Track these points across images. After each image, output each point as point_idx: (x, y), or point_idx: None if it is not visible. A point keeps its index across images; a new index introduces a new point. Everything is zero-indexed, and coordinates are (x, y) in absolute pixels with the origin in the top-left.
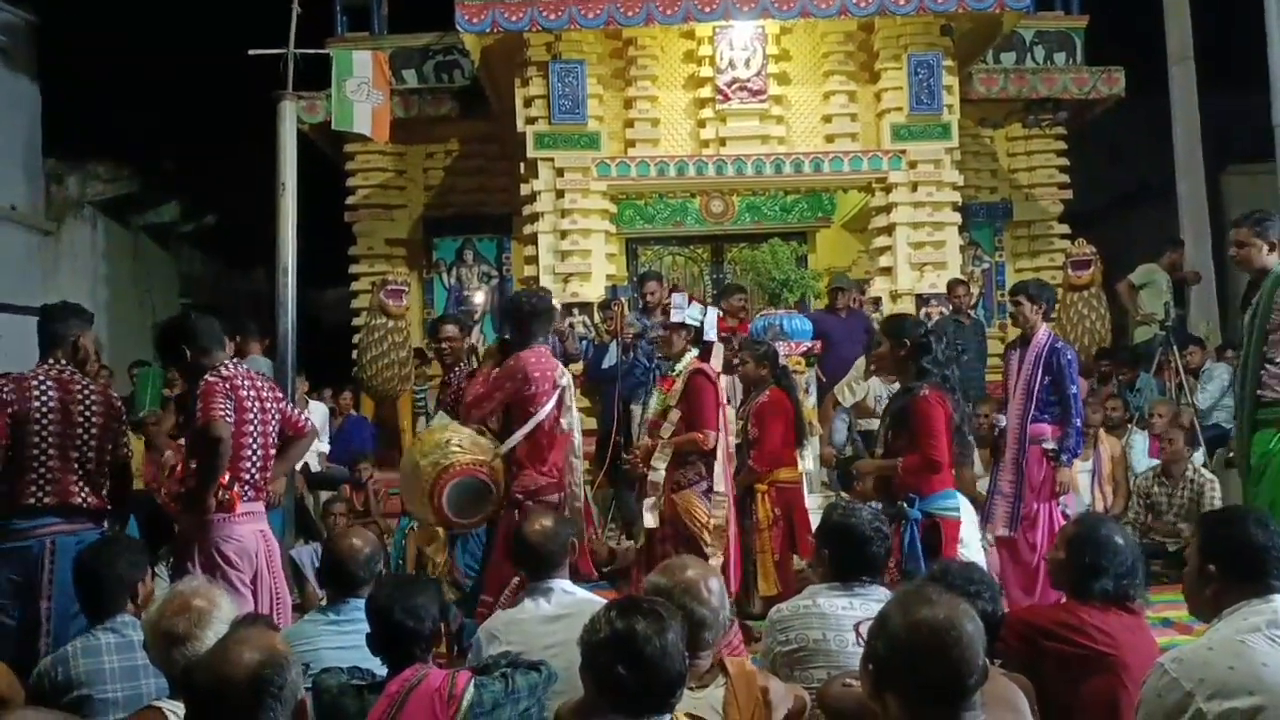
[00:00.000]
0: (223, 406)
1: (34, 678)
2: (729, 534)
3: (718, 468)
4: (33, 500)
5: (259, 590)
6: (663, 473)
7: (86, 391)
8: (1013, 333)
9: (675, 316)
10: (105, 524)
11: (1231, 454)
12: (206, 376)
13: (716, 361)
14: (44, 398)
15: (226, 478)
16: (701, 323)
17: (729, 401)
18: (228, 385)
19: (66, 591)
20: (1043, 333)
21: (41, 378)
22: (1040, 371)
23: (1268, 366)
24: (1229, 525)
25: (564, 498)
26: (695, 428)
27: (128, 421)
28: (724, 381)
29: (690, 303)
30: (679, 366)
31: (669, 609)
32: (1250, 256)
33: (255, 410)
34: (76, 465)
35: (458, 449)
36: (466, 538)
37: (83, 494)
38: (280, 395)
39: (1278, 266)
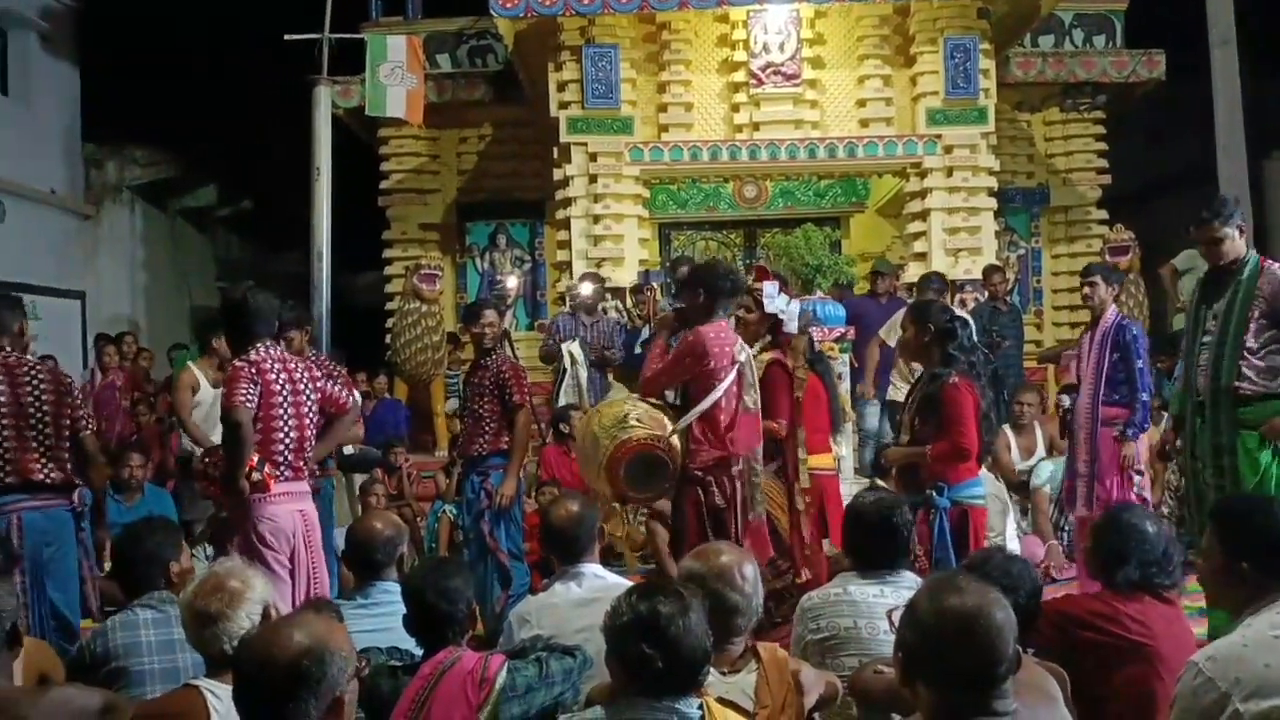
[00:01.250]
0: (244, 392)
1: (75, 650)
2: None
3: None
4: None
5: (296, 570)
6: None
7: (33, 372)
8: (1049, 318)
9: (768, 306)
10: (74, 497)
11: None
12: (234, 361)
13: (791, 352)
14: None
15: (256, 459)
16: (784, 314)
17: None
18: (253, 370)
19: (36, 564)
20: (1111, 312)
21: None
22: (1109, 350)
23: (1247, 358)
24: (1249, 517)
25: (741, 473)
26: (771, 416)
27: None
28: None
29: (779, 293)
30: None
31: (691, 590)
32: (1227, 250)
33: (286, 393)
34: (34, 444)
35: (636, 423)
36: (508, 520)
37: (45, 470)
38: (320, 374)
39: (1252, 254)
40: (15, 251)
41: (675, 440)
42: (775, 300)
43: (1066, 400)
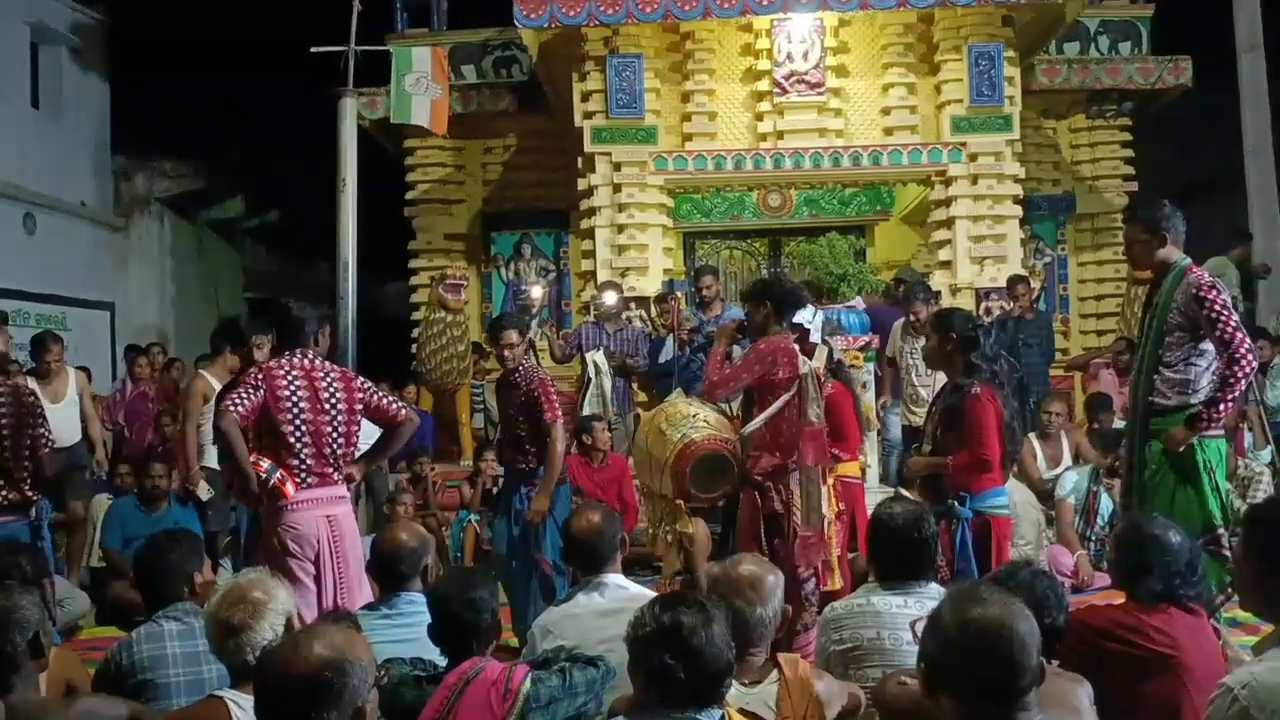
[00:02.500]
0: (236, 398)
1: (102, 663)
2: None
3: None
4: None
5: (322, 576)
6: None
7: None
8: (1075, 325)
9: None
10: (32, 513)
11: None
12: (249, 369)
13: (818, 362)
14: None
15: (266, 465)
16: (809, 325)
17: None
18: (260, 376)
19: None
20: None
21: None
22: None
23: (1162, 371)
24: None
25: (801, 484)
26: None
27: None
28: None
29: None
30: None
31: (714, 601)
32: (1141, 254)
33: (299, 399)
34: None
35: (704, 424)
36: (553, 533)
37: (3, 493)
38: (363, 387)
39: (1180, 261)
40: (46, 263)
41: (738, 444)
42: (800, 311)
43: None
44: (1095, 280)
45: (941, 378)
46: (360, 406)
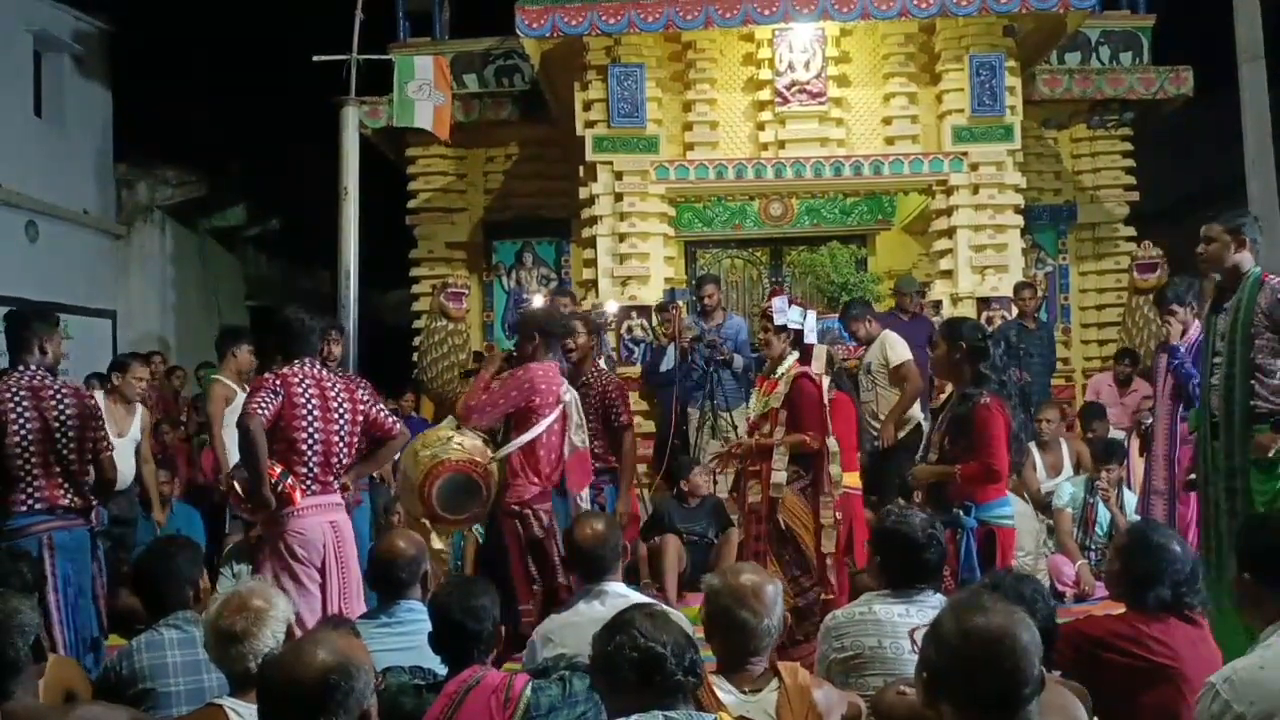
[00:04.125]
0: (260, 401)
1: (102, 671)
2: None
3: (833, 470)
4: (23, 508)
5: (327, 582)
6: (784, 474)
7: (59, 396)
8: (1077, 335)
9: (778, 320)
10: (92, 517)
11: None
12: (265, 373)
13: (818, 364)
14: (19, 409)
15: (279, 470)
16: (802, 326)
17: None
18: (277, 381)
19: (70, 582)
20: (1195, 329)
21: (14, 388)
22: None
23: (1259, 376)
24: (1267, 536)
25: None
26: (802, 430)
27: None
28: (825, 381)
29: (791, 306)
30: (780, 370)
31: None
32: (1217, 254)
33: (312, 407)
34: (58, 471)
35: (457, 447)
36: None
37: (68, 496)
38: (365, 399)
39: (1254, 269)
40: (48, 271)
41: (494, 469)
42: (786, 314)
43: (1149, 418)
44: (1096, 290)
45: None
46: (361, 418)
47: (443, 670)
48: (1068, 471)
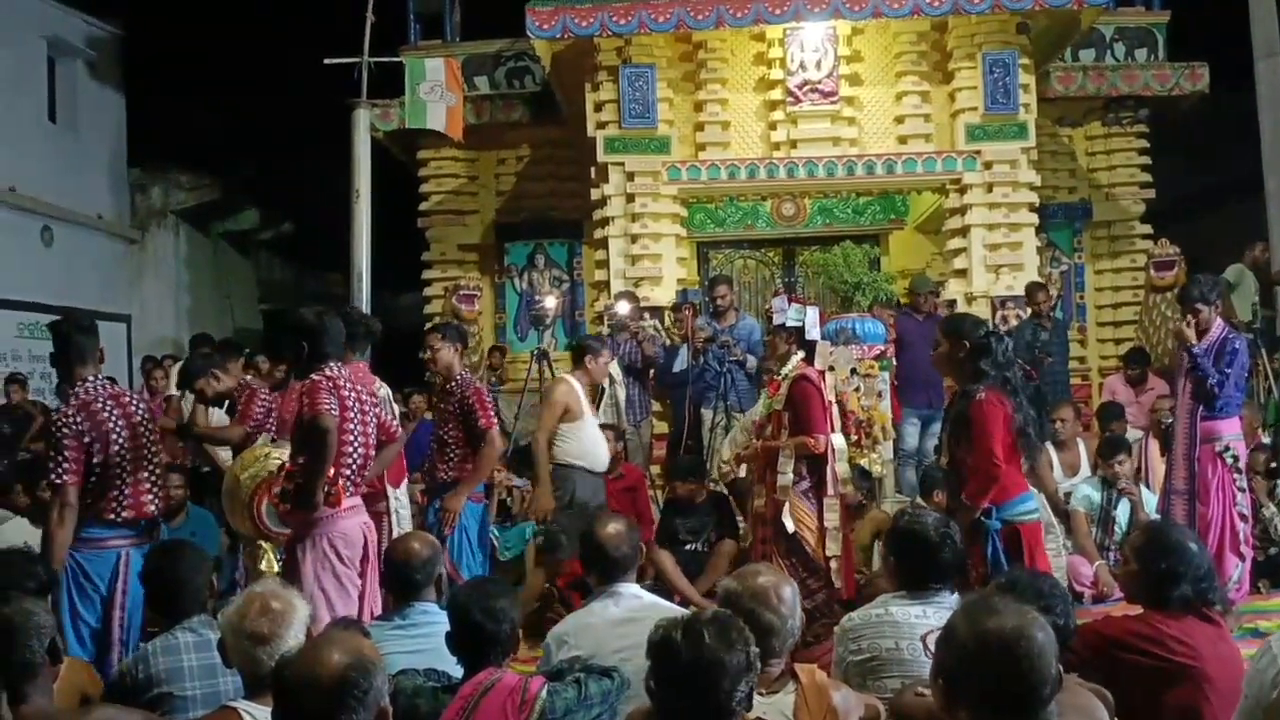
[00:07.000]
0: (327, 402)
1: (115, 675)
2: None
3: (839, 468)
4: (112, 515)
5: (367, 579)
6: (790, 477)
7: (138, 403)
8: (1093, 334)
9: (776, 319)
10: (155, 534)
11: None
12: (312, 375)
13: (821, 360)
14: (113, 418)
15: (331, 472)
16: (803, 323)
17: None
18: (331, 384)
19: (138, 603)
20: (1216, 327)
21: (102, 398)
22: (1215, 362)
23: None
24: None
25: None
26: (805, 432)
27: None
28: (829, 379)
29: (790, 304)
30: (785, 369)
31: (741, 629)
32: None
33: (356, 410)
34: (146, 476)
35: (277, 460)
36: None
37: (155, 503)
38: (378, 400)
39: None
40: (62, 275)
41: None
42: (785, 313)
43: (1169, 418)
44: (1112, 288)
45: None
46: (375, 420)
47: (458, 673)
48: (1085, 472)
